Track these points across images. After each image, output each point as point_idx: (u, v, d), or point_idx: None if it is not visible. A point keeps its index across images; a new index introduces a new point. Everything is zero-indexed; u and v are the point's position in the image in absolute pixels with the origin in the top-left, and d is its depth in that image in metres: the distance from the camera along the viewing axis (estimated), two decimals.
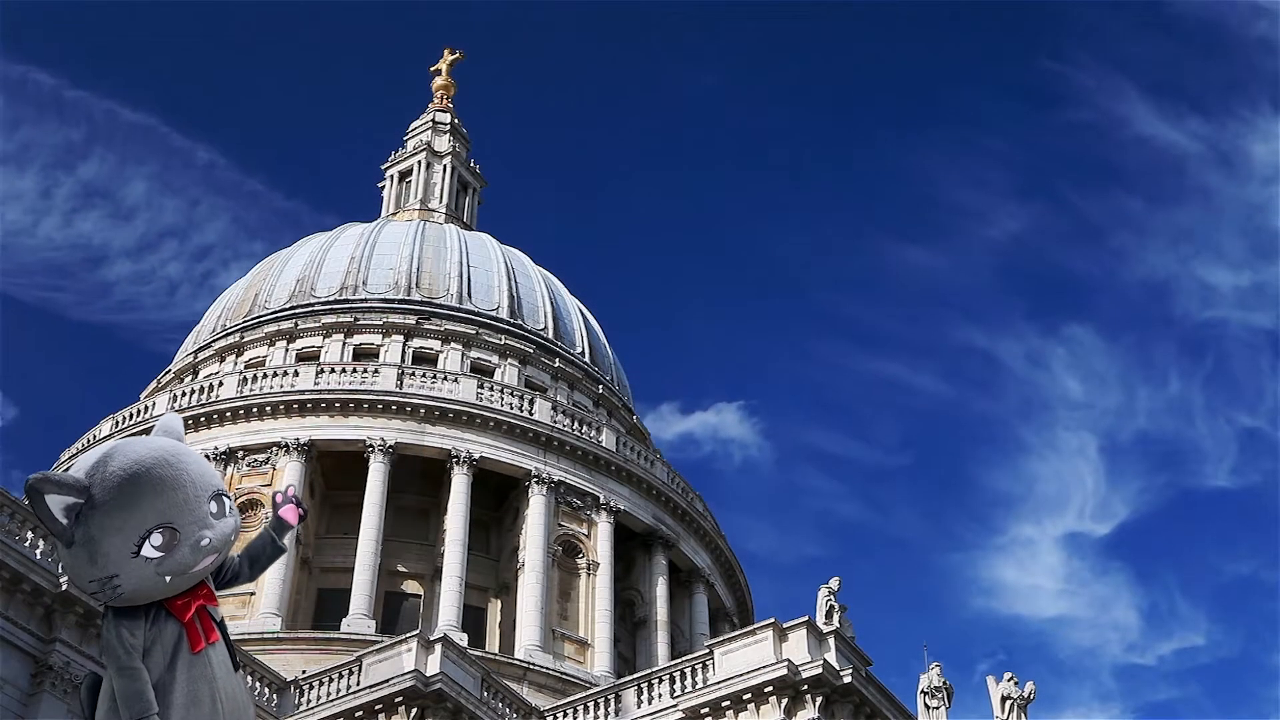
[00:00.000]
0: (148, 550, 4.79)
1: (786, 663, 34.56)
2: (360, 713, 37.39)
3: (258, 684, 37.84)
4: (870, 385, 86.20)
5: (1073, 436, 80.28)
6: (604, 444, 54.49)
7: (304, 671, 40.66)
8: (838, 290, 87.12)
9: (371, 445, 51.11)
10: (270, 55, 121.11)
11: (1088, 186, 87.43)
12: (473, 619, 49.51)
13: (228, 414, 51.89)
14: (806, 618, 36.06)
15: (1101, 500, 77.23)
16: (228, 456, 50.61)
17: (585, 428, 54.81)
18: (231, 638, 5.25)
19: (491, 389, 54.42)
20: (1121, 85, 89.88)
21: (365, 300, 60.41)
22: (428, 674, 36.95)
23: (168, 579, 4.87)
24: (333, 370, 54.25)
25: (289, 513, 5.42)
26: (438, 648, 37.89)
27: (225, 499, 5.02)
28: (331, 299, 60.72)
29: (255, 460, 50.82)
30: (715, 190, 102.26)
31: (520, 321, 61.50)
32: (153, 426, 5.34)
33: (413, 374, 54.12)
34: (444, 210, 69.38)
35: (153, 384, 62.68)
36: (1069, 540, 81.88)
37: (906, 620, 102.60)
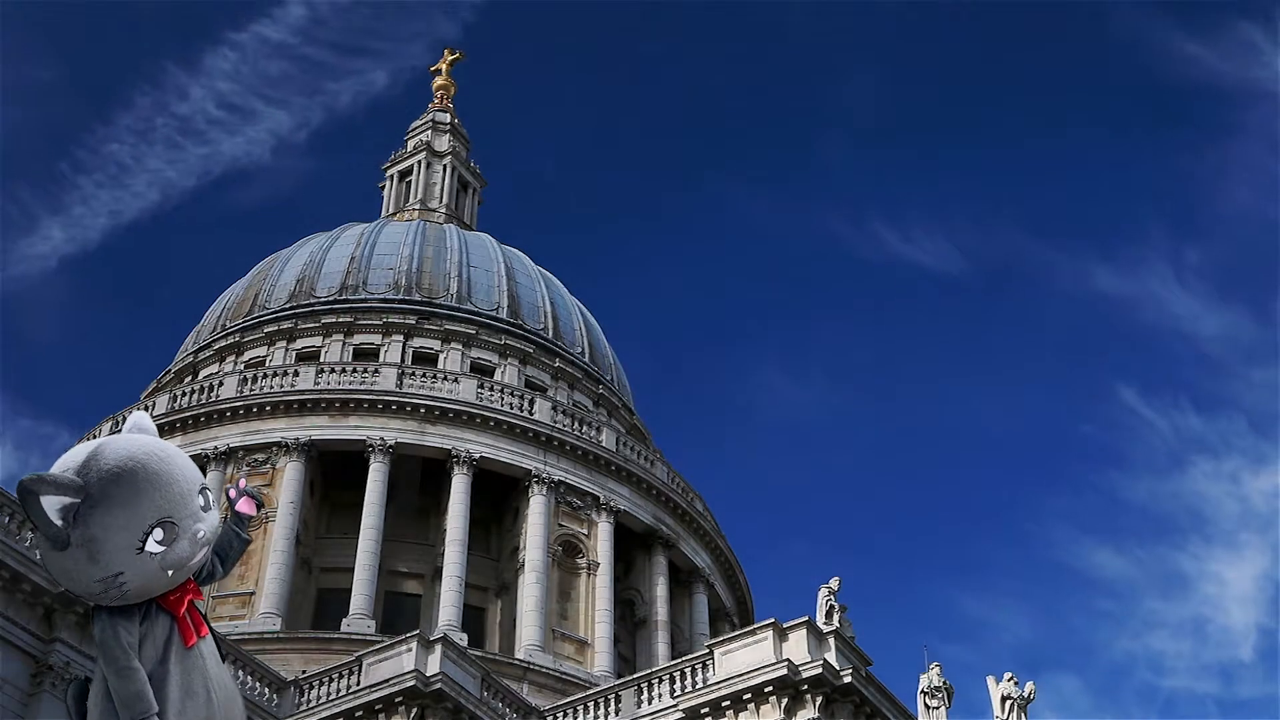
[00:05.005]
0: (151, 545, 4.76)
1: (786, 663, 34.56)
2: (360, 713, 37.38)
3: (258, 684, 37.81)
4: None
5: None
6: (604, 444, 54.49)
7: (304, 671, 40.66)
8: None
9: (371, 445, 51.11)
10: (270, 53, 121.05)
11: (1069, 599, 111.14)
12: (473, 619, 49.51)
13: (228, 414, 51.90)
14: (806, 618, 36.06)
15: None
16: (228, 456, 50.62)
17: (585, 428, 54.81)
18: (231, 638, 5.26)
19: (491, 389, 54.42)
20: (1084, 538, 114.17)
21: (365, 300, 60.40)
22: (428, 674, 36.94)
23: (169, 573, 4.85)
24: (333, 370, 54.25)
25: (246, 505, 5.38)
26: (438, 648, 37.89)
27: (208, 493, 5.02)
28: (331, 299, 60.72)
29: (255, 460, 50.82)
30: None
31: (520, 321, 61.50)
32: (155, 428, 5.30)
33: (413, 374, 54.11)
34: (444, 210, 69.37)
35: (153, 384, 62.68)
36: None
37: (906, 621, 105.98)
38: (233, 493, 5.40)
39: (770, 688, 34.63)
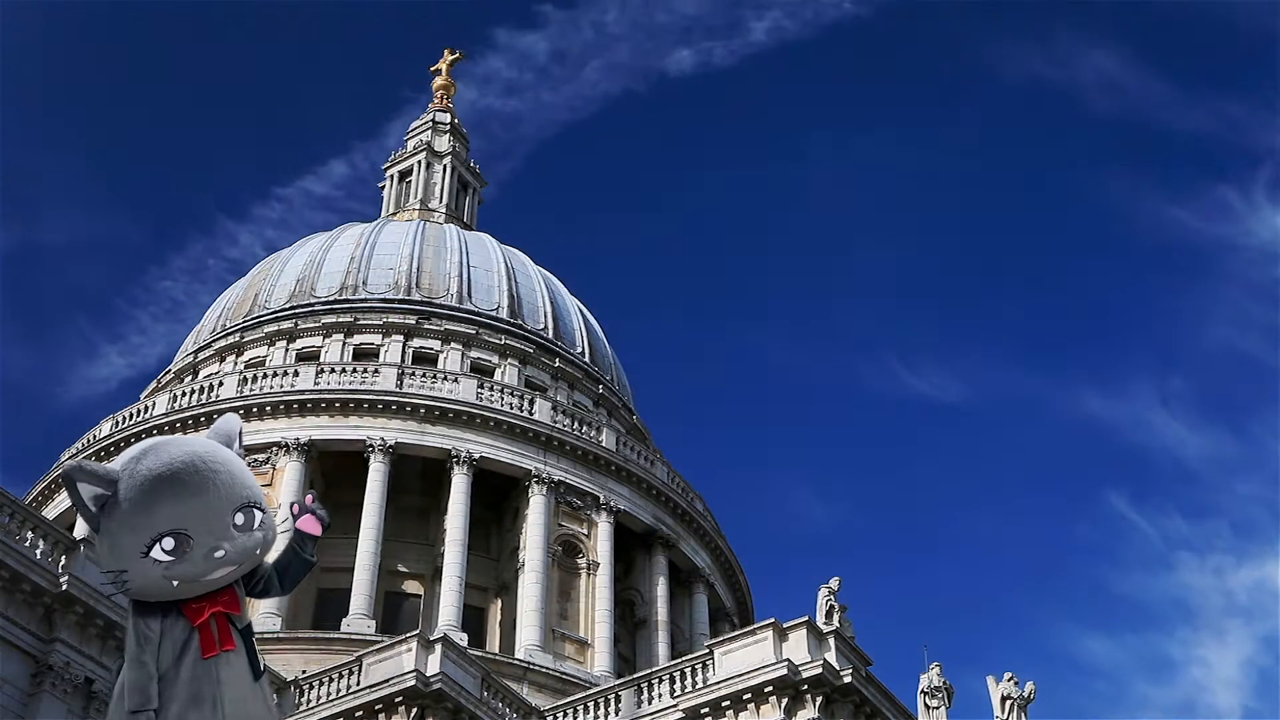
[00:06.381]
0: (157, 553, 4.76)
1: (786, 663, 34.55)
2: (360, 713, 37.39)
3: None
4: None
5: None
6: (604, 444, 54.48)
7: (304, 671, 40.67)
8: None
9: (371, 445, 51.11)
10: (270, 54, 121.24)
11: (1064, 681, 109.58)
12: (473, 619, 49.51)
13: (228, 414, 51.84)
14: (806, 618, 36.05)
15: None
16: None
17: (585, 428, 54.80)
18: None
19: (491, 389, 54.42)
20: (1078, 626, 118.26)
21: (365, 300, 60.40)
22: (428, 674, 36.94)
23: (175, 584, 4.83)
24: (333, 370, 54.24)
25: (308, 523, 5.24)
26: (438, 648, 37.88)
27: (255, 511, 4.92)
28: (331, 299, 60.71)
29: (255, 460, 50.68)
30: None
31: (520, 321, 61.49)
32: (155, 427, 5.29)
33: (413, 374, 54.11)
34: (444, 210, 69.39)
35: (153, 384, 62.68)
36: None
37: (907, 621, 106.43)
38: (295, 509, 5.29)
39: (770, 688, 34.62)
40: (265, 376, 53.76)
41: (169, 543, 4.76)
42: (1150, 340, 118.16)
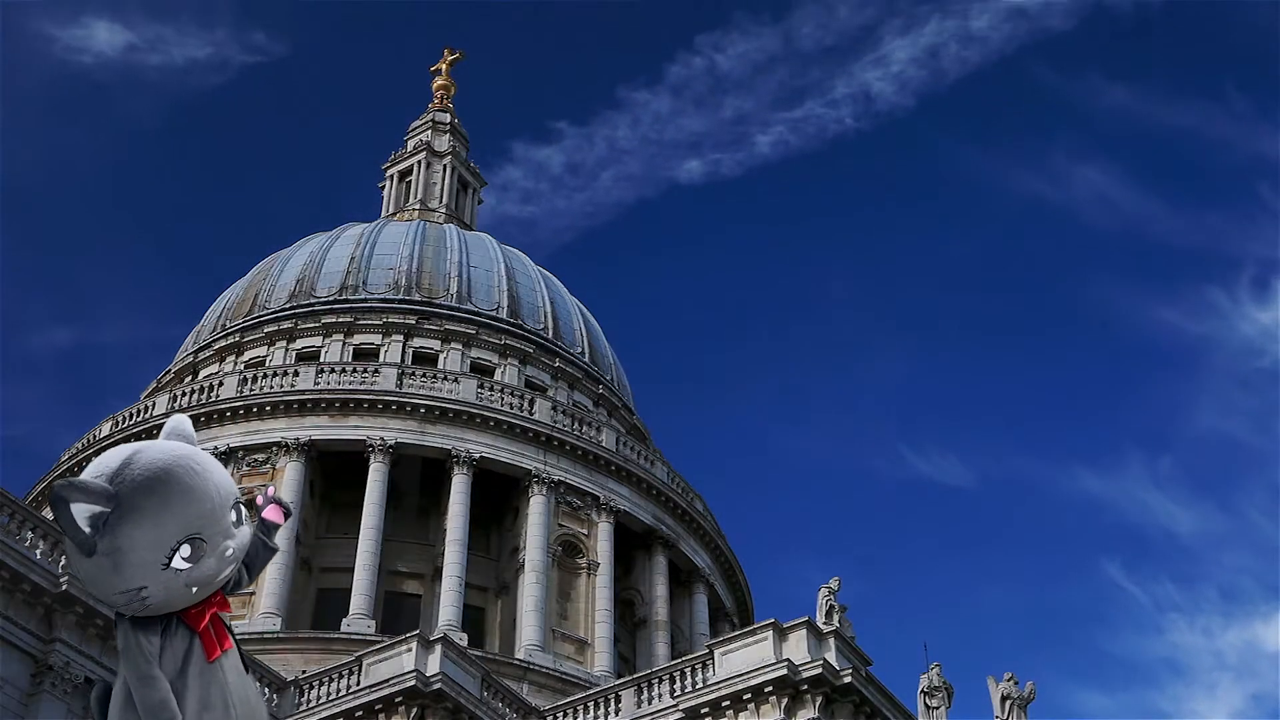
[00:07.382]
0: (177, 562, 4.62)
1: (786, 663, 34.55)
2: (360, 713, 37.39)
3: (258, 684, 37.79)
4: None
5: None
6: (604, 444, 54.48)
7: (304, 671, 40.68)
8: None
9: (371, 445, 51.10)
10: (270, 55, 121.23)
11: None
12: (473, 619, 49.51)
13: (228, 414, 51.87)
14: (806, 618, 36.06)
15: None
16: (228, 457, 50.51)
17: (585, 428, 54.80)
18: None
19: (491, 389, 54.42)
20: (1072, 683, 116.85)
21: (365, 300, 60.39)
22: (428, 674, 36.94)
23: (194, 590, 4.76)
24: (333, 370, 54.24)
25: (273, 513, 5.26)
26: (438, 648, 37.89)
27: (242, 508, 4.92)
28: (331, 299, 60.70)
29: (255, 460, 50.80)
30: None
31: (520, 321, 61.49)
32: (156, 426, 5.25)
33: (413, 374, 54.11)
34: (444, 210, 69.38)
35: (153, 384, 62.70)
36: None
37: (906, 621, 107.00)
38: (260, 500, 5.30)
39: (770, 688, 34.62)
40: (265, 376, 53.75)
41: (186, 549, 4.64)
42: (1143, 426, 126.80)
